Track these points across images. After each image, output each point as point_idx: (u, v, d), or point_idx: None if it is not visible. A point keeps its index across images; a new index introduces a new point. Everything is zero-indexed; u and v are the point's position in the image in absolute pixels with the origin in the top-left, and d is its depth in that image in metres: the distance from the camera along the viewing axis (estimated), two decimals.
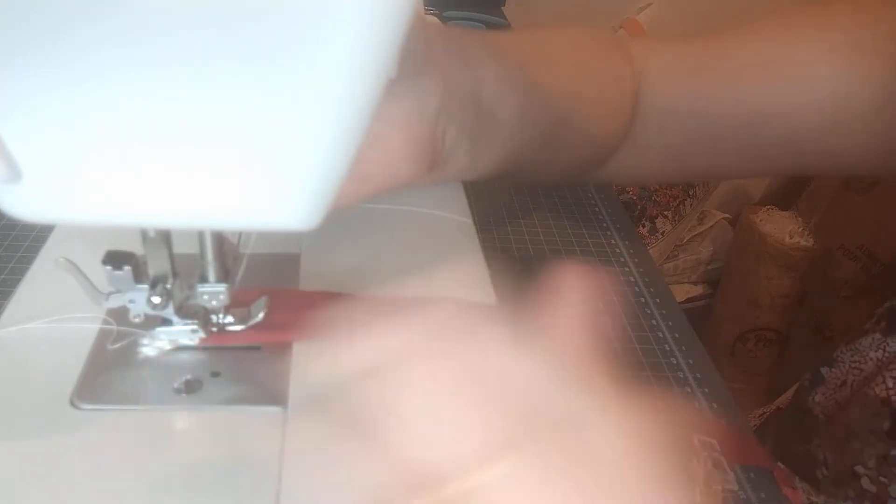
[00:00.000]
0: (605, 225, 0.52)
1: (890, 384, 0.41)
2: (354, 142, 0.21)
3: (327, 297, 0.33)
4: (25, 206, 0.21)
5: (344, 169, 0.22)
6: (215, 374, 0.29)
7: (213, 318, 0.30)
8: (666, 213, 1.29)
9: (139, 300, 0.27)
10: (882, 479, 0.40)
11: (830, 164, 0.48)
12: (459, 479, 0.21)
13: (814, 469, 0.47)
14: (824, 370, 0.46)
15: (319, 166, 0.21)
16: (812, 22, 0.45)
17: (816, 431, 0.46)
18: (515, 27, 0.48)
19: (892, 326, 0.42)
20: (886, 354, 0.42)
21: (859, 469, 0.41)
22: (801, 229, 1.25)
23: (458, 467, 0.21)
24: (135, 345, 0.30)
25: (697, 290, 1.44)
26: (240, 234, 0.32)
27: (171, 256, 0.27)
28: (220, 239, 0.28)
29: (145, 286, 0.27)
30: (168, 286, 0.28)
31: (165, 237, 0.27)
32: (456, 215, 0.40)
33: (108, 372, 0.29)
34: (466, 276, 0.35)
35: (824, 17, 0.45)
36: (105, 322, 0.30)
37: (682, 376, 0.40)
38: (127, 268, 0.26)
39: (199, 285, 0.28)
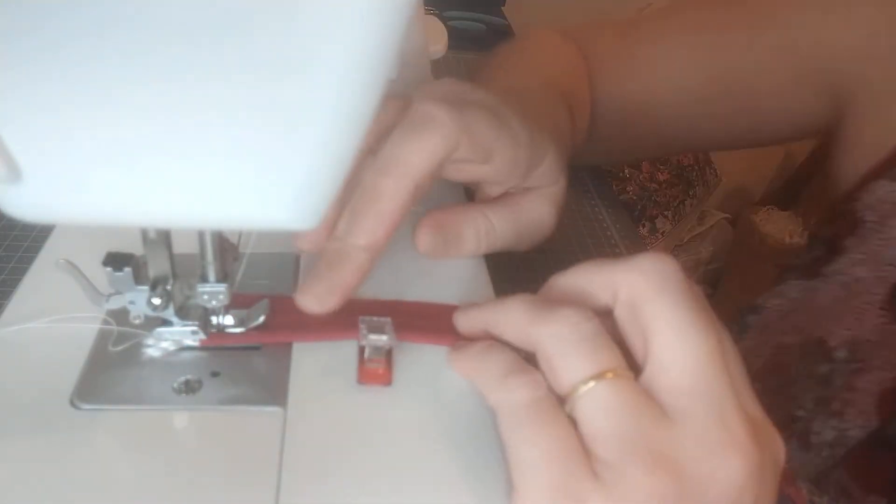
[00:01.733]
0: (605, 225, 0.52)
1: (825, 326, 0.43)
2: (355, 141, 0.21)
3: None
4: (25, 206, 0.21)
5: (344, 168, 0.22)
6: (215, 374, 0.29)
7: (213, 319, 0.30)
8: (666, 213, 1.29)
9: (139, 301, 0.27)
10: (831, 422, 0.41)
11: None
12: None
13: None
14: (749, 318, 0.48)
15: (319, 166, 0.21)
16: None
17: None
18: (496, 58, 0.53)
19: (813, 273, 0.44)
20: (806, 293, 0.45)
21: (800, 413, 0.42)
22: (801, 229, 1.25)
23: None
24: (136, 346, 0.30)
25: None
26: (240, 234, 0.32)
27: (171, 257, 0.27)
28: (220, 239, 0.28)
29: (145, 287, 0.27)
30: (168, 287, 0.28)
31: (165, 237, 0.27)
32: None
33: (107, 372, 0.29)
34: (466, 276, 0.35)
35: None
36: (105, 322, 0.30)
37: None
38: (127, 269, 0.26)
39: (199, 285, 0.28)
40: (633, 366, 0.25)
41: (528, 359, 0.27)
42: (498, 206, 0.36)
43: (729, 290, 1.34)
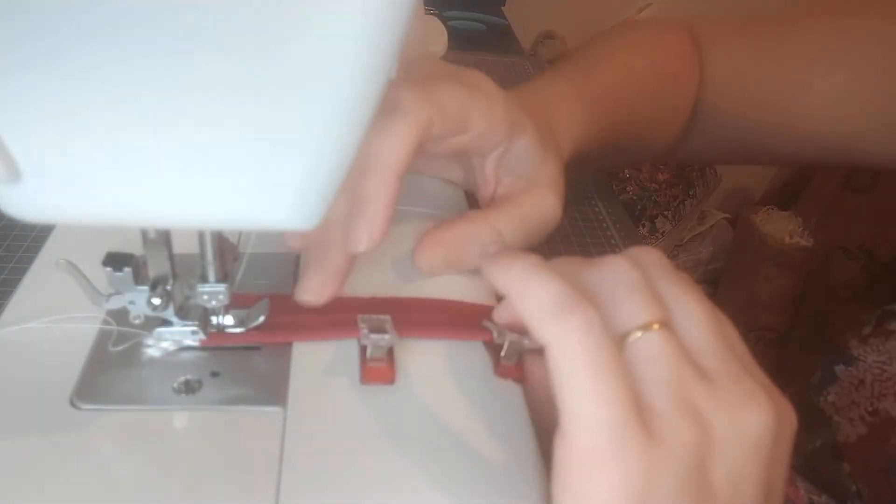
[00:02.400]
0: (605, 225, 0.52)
1: None
2: (355, 141, 0.21)
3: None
4: (25, 206, 0.21)
5: (345, 168, 0.22)
6: (215, 374, 0.29)
7: (213, 319, 0.30)
8: (666, 213, 1.29)
9: (139, 301, 0.27)
10: None
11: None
12: None
13: (844, 500, 0.46)
14: (838, 368, 0.45)
15: (320, 166, 0.21)
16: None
17: (836, 441, 0.45)
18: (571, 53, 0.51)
19: None
20: None
21: None
22: (801, 229, 1.25)
23: None
24: (136, 346, 0.30)
25: None
26: (240, 234, 0.32)
27: (171, 257, 0.27)
28: (220, 239, 0.28)
29: (145, 287, 0.27)
30: (168, 287, 0.28)
31: (165, 237, 0.27)
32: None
33: (107, 372, 0.29)
34: (466, 277, 0.35)
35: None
36: (105, 322, 0.30)
37: None
38: (127, 269, 0.26)
39: (199, 285, 0.28)
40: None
41: None
42: (502, 210, 0.36)
43: (729, 290, 1.34)
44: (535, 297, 0.24)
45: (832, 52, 0.47)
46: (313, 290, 0.31)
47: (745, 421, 0.23)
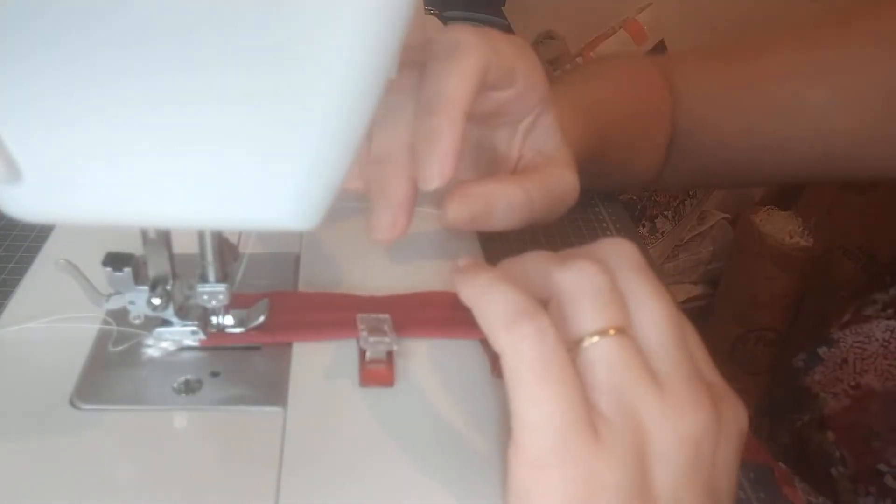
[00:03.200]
0: (605, 225, 0.52)
1: None
2: (355, 141, 0.21)
3: (327, 298, 0.33)
4: (25, 206, 0.21)
5: (345, 168, 0.22)
6: (215, 374, 0.29)
7: (213, 319, 0.30)
8: (666, 213, 1.29)
9: (139, 301, 0.27)
10: None
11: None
12: None
13: (829, 467, 0.48)
14: (822, 350, 0.47)
15: (320, 166, 0.21)
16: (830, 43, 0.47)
17: (822, 415, 0.46)
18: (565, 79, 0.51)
19: None
20: (894, 336, 0.43)
21: (882, 467, 0.41)
22: (800, 229, 1.25)
23: None
24: (136, 346, 0.30)
25: (697, 290, 1.44)
26: (240, 234, 0.32)
27: (171, 257, 0.27)
28: (220, 239, 0.28)
29: (145, 287, 0.27)
30: (168, 287, 0.28)
31: (165, 238, 0.27)
32: None
33: (107, 372, 0.29)
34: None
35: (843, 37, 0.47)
36: (105, 322, 0.31)
37: None
38: (127, 269, 0.26)
39: (199, 285, 0.28)
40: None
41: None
42: (529, 176, 0.37)
43: (729, 290, 1.34)
44: (492, 308, 0.25)
45: (816, 66, 0.48)
46: (385, 227, 0.31)
47: (688, 427, 0.24)
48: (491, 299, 0.25)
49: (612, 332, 0.24)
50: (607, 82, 0.49)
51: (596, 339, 0.24)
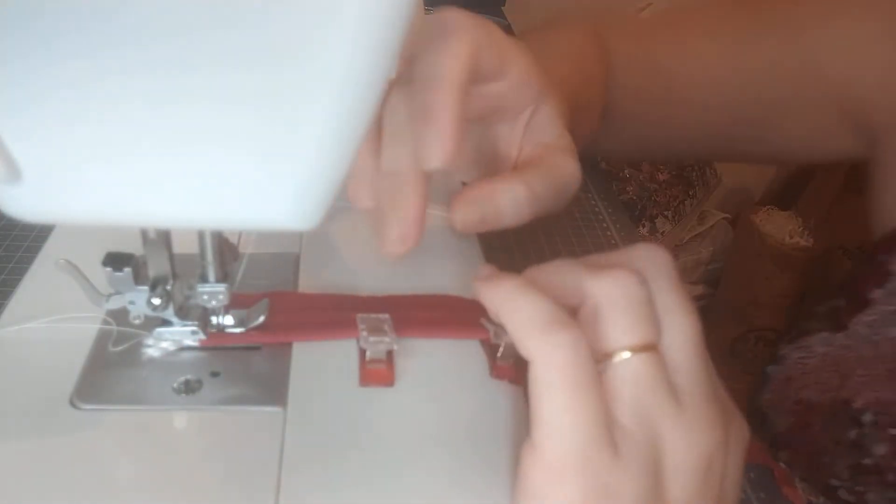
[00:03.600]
0: (605, 225, 0.52)
1: (846, 386, 0.43)
2: (355, 141, 0.21)
3: (327, 299, 0.33)
4: (25, 206, 0.21)
5: (345, 168, 0.22)
6: (215, 374, 0.29)
7: (213, 319, 0.30)
8: (666, 213, 1.29)
9: (139, 301, 0.27)
10: (858, 488, 0.41)
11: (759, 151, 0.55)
12: None
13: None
14: (770, 369, 0.48)
15: (320, 166, 0.21)
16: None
17: (774, 434, 0.47)
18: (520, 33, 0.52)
19: (839, 325, 0.44)
20: (832, 348, 0.44)
21: (834, 482, 0.42)
22: (801, 229, 1.25)
23: None
24: (136, 346, 0.30)
25: (697, 290, 1.44)
26: (240, 234, 0.32)
27: (171, 257, 0.27)
28: (220, 239, 0.28)
29: (145, 287, 0.27)
30: (168, 287, 0.28)
31: (165, 238, 0.27)
32: None
33: (107, 372, 0.29)
34: (466, 277, 0.35)
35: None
36: (105, 322, 0.30)
37: None
38: (127, 269, 0.26)
39: (199, 285, 0.28)
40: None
41: None
42: (530, 169, 0.37)
43: (729, 290, 1.34)
44: (524, 313, 0.24)
45: (699, 48, 0.51)
46: (398, 240, 0.31)
47: (704, 444, 0.24)
48: (519, 305, 0.25)
49: (643, 348, 0.24)
50: (560, 60, 0.50)
51: (627, 354, 0.24)
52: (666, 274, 0.26)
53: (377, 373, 0.29)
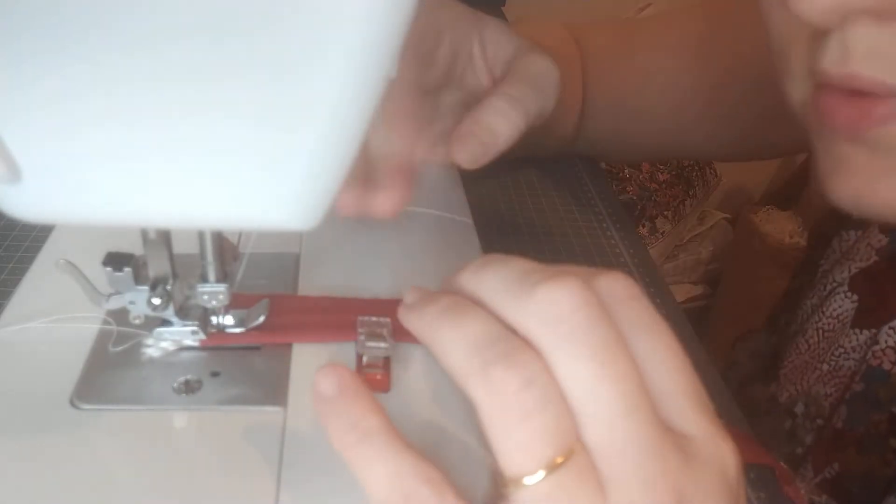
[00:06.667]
0: (605, 225, 0.52)
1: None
2: (355, 142, 0.21)
3: (329, 301, 0.33)
4: (25, 206, 0.21)
5: (345, 168, 0.22)
6: (215, 374, 0.29)
7: (213, 319, 0.30)
8: (666, 213, 1.30)
9: (139, 301, 0.27)
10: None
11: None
12: None
13: None
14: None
15: (320, 167, 0.21)
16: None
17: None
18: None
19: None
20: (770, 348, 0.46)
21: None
22: (800, 229, 1.25)
23: None
24: (136, 346, 0.30)
25: (697, 290, 1.44)
26: (240, 234, 0.32)
27: (171, 257, 0.27)
28: (220, 239, 0.28)
29: (145, 287, 0.27)
30: (168, 287, 0.28)
31: (165, 238, 0.27)
32: (456, 215, 0.40)
33: (107, 372, 0.29)
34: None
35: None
36: (105, 322, 0.30)
37: None
38: (127, 269, 0.26)
39: (199, 285, 0.28)
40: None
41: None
42: (506, 81, 0.37)
43: (729, 290, 1.34)
44: (455, 346, 0.21)
45: (672, 51, 0.53)
46: (387, 197, 0.31)
47: (714, 482, 0.22)
48: (449, 337, 0.21)
49: (559, 459, 0.20)
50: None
51: (541, 474, 0.20)
52: (574, 328, 0.21)
53: (373, 378, 0.29)
